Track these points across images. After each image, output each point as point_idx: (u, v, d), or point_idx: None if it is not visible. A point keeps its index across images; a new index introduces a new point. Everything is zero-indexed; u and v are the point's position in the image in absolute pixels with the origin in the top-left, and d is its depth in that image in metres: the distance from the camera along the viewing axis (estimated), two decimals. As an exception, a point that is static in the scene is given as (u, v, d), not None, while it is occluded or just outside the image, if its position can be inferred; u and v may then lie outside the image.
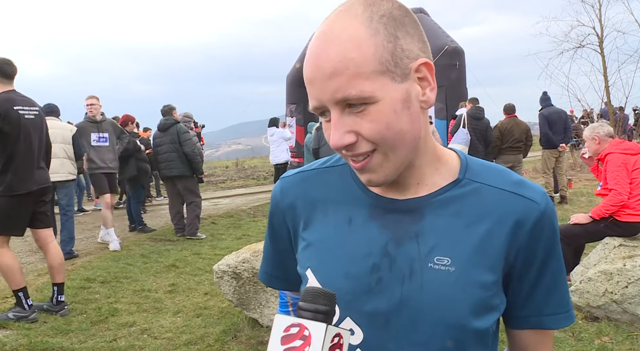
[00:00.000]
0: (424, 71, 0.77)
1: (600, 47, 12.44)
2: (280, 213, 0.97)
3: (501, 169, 0.89)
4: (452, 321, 0.80)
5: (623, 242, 4.24)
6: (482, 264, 0.81)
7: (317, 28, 0.79)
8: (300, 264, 0.93)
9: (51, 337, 3.98)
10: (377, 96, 0.73)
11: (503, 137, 8.49)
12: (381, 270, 0.83)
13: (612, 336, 3.58)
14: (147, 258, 6.57)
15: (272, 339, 0.72)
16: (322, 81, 0.74)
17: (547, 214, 0.84)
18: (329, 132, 0.79)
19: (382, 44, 0.73)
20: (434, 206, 0.84)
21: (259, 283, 3.87)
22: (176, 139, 7.59)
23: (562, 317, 0.88)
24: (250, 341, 3.77)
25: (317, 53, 0.75)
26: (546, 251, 0.84)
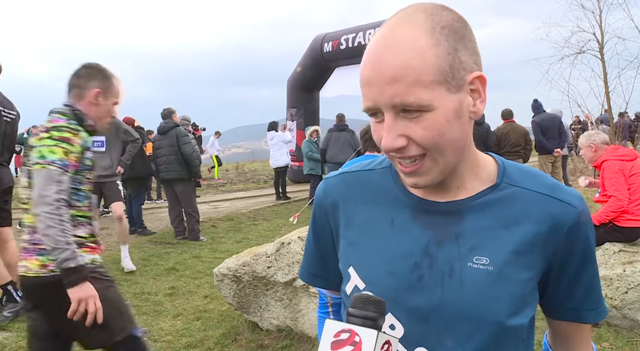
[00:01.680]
0: (477, 84, 0.81)
1: (600, 53, 12.47)
2: (323, 212, 1.01)
3: (537, 173, 0.92)
4: (489, 319, 0.82)
5: (623, 248, 4.24)
6: (519, 265, 0.84)
7: (377, 32, 0.81)
8: (342, 261, 0.96)
9: (51, 339, 3.97)
10: (433, 104, 0.76)
11: (500, 143, 8.51)
12: (422, 269, 0.86)
13: (612, 342, 3.58)
14: (147, 261, 6.57)
15: (323, 343, 0.72)
16: (381, 84, 0.76)
17: (584, 217, 0.87)
18: (379, 133, 0.82)
19: (443, 55, 0.76)
20: (474, 209, 0.87)
21: (259, 286, 3.87)
22: (175, 143, 7.59)
23: (598, 312, 0.93)
24: (250, 345, 3.77)
25: (378, 57, 0.77)
26: (583, 252, 0.88)
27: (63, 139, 2.07)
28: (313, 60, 14.33)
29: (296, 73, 14.99)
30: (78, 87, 2.25)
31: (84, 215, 2.18)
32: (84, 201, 2.19)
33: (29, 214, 2.11)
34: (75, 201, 2.13)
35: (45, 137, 2.06)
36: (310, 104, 15.17)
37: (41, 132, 2.10)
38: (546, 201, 0.86)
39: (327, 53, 13.89)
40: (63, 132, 2.08)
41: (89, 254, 2.15)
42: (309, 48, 14.52)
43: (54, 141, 2.05)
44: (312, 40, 14.57)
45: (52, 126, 2.09)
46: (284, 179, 12.23)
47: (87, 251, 2.14)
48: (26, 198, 2.13)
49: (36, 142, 2.07)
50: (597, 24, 12.51)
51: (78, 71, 2.28)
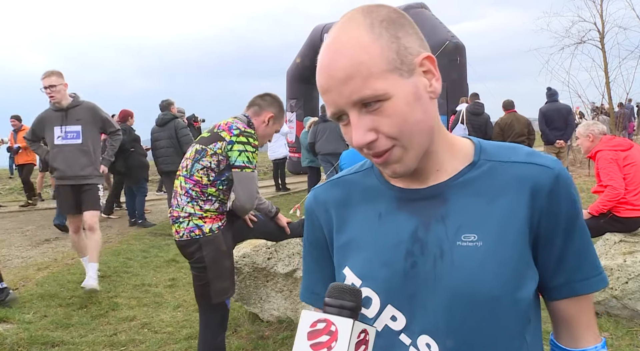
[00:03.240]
0: (427, 64, 0.83)
1: (601, 43, 12.42)
2: (316, 220, 1.02)
3: (513, 146, 0.93)
4: (485, 295, 0.82)
5: (623, 238, 4.24)
6: (508, 236, 0.84)
7: (325, 40, 0.85)
8: (337, 264, 0.97)
9: (51, 331, 3.98)
10: (390, 92, 0.78)
11: (504, 133, 8.48)
12: (414, 255, 0.87)
13: (612, 332, 3.59)
14: (147, 253, 6.58)
15: (299, 334, 0.72)
16: (337, 87, 0.79)
17: (562, 178, 0.86)
18: (349, 135, 0.84)
19: (387, 45, 0.79)
20: (456, 189, 0.88)
21: (259, 277, 3.87)
22: (174, 135, 7.54)
23: (595, 280, 0.90)
24: (250, 336, 3.77)
25: (328, 63, 0.80)
26: (568, 215, 0.87)
27: (257, 147, 2.78)
28: (312, 51, 14.25)
29: (295, 64, 14.93)
30: (258, 105, 2.90)
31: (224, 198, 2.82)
32: None
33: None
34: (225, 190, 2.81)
35: (245, 142, 2.72)
36: (309, 96, 15.12)
37: (240, 135, 2.71)
38: (523, 168, 0.87)
39: (326, 44, 13.79)
40: (256, 140, 2.77)
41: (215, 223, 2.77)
42: (308, 39, 14.45)
43: (253, 148, 2.74)
44: (311, 31, 14.50)
45: (249, 133, 2.75)
46: (283, 171, 12.22)
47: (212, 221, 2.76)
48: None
49: (238, 146, 2.70)
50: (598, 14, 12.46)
51: (263, 96, 2.94)
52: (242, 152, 2.70)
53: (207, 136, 2.80)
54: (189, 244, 2.74)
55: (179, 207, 2.76)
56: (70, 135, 4.77)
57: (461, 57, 12.02)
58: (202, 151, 2.73)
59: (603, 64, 12.33)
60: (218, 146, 2.70)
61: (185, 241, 2.75)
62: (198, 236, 2.71)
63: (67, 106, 4.77)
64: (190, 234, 2.72)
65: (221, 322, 2.88)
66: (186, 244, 2.75)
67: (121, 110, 8.58)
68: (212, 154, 2.69)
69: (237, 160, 2.70)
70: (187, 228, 2.72)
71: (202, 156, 2.71)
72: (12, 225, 8.83)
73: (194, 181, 2.72)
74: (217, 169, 2.70)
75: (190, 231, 2.71)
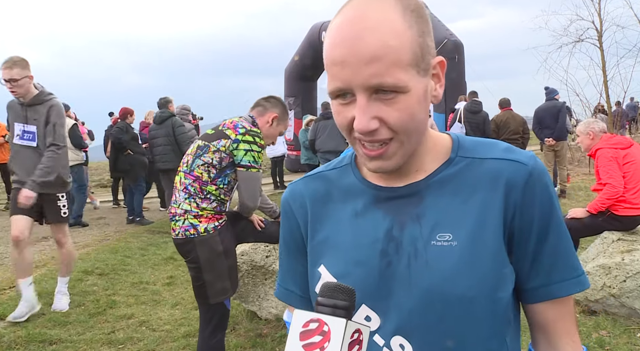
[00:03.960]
0: (438, 69, 0.83)
1: (599, 42, 12.43)
2: (291, 215, 1.00)
3: (491, 142, 0.91)
4: (460, 296, 0.80)
5: (621, 236, 4.24)
6: (483, 235, 0.82)
7: (340, 13, 0.78)
8: (312, 262, 0.94)
9: (49, 329, 3.97)
10: (409, 86, 0.76)
11: (499, 130, 8.53)
12: (389, 254, 0.85)
13: (609, 330, 3.59)
14: (145, 251, 6.57)
15: (291, 334, 0.71)
16: (357, 64, 0.74)
17: (536, 173, 0.84)
18: (344, 115, 0.79)
19: (415, 38, 0.76)
20: (432, 188, 0.87)
21: (257, 275, 3.87)
22: (171, 133, 7.47)
23: (572, 283, 0.86)
24: (248, 334, 3.77)
25: (353, 38, 0.74)
26: (543, 212, 0.84)
27: (263, 147, 2.80)
28: (311, 49, 14.23)
29: (294, 62, 14.90)
30: (262, 106, 2.95)
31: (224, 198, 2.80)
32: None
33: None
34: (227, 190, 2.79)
35: (251, 141, 2.73)
36: (308, 93, 15.11)
37: (246, 134, 2.73)
38: (497, 164, 0.85)
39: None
40: (262, 140, 2.79)
41: (211, 223, 2.74)
42: (307, 37, 14.42)
43: (259, 147, 2.76)
44: (309, 29, 14.48)
45: (255, 132, 2.77)
46: (282, 169, 12.21)
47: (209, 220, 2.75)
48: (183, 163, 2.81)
49: (243, 145, 2.70)
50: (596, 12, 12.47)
51: (268, 97, 3.00)
52: (248, 151, 2.70)
53: (211, 133, 2.80)
54: (183, 243, 2.74)
55: (176, 203, 2.76)
56: (27, 136, 4.04)
57: (460, 55, 12.01)
58: (204, 147, 2.72)
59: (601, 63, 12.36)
60: (222, 143, 2.69)
61: (180, 240, 2.74)
62: (193, 236, 2.70)
63: (28, 101, 4.02)
64: (185, 233, 2.70)
65: (220, 322, 2.87)
66: (182, 243, 2.75)
67: (121, 108, 8.56)
68: (214, 151, 2.69)
69: (243, 159, 2.70)
70: (182, 226, 2.71)
71: (204, 152, 2.70)
72: (8, 223, 8.79)
73: (193, 176, 2.71)
74: (219, 166, 2.69)
75: (186, 229, 2.70)
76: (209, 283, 2.75)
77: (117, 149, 8.26)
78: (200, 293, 2.81)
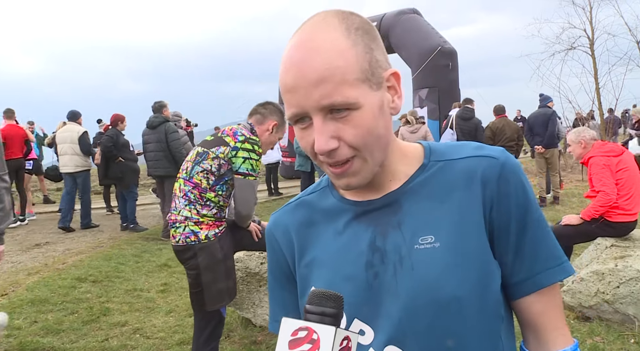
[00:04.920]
0: (392, 80, 0.84)
1: (591, 49, 12.56)
2: (276, 244, 1.00)
3: (463, 143, 0.92)
4: (448, 296, 0.80)
5: (615, 242, 4.26)
6: (465, 233, 0.83)
7: (292, 38, 0.81)
8: (302, 287, 0.94)
9: (42, 337, 3.94)
10: (360, 102, 0.77)
11: (495, 137, 8.56)
12: (375, 265, 0.86)
13: (603, 336, 3.60)
14: (139, 258, 6.53)
15: (280, 343, 0.70)
16: (307, 88, 0.76)
17: (508, 166, 0.86)
18: (306, 139, 0.82)
19: (362, 54, 0.78)
20: (409, 194, 0.88)
21: (252, 282, 3.86)
22: (163, 138, 7.32)
23: (555, 271, 0.87)
24: (243, 341, 3.76)
25: (300, 61, 0.77)
26: (519, 203, 0.85)
27: (260, 155, 2.80)
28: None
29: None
30: (261, 114, 2.93)
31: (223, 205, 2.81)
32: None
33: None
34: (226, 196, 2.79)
35: (250, 149, 2.73)
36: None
37: (245, 141, 2.72)
38: (470, 162, 0.87)
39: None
40: (260, 148, 2.79)
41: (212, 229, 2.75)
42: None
43: (257, 155, 2.76)
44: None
45: (254, 140, 2.76)
46: (276, 175, 12.20)
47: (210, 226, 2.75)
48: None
49: (242, 153, 2.70)
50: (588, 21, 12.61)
51: (265, 104, 2.96)
52: (246, 159, 2.71)
53: (210, 139, 2.80)
54: (184, 250, 2.73)
55: (176, 210, 2.75)
56: None
57: (453, 62, 12.08)
58: (203, 154, 2.72)
59: (593, 70, 12.47)
60: (221, 150, 2.70)
61: (181, 247, 2.74)
62: (193, 243, 2.69)
63: None
64: (185, 240, 2.70)
65: (215, 330, 2.87)
66: (182, 249, 2.74)
67: (113, 114, 8.52)
68: (213, 158, 2.69)
69: (241, 167, 2.71)
70: (183, 233, 2.70)
71: (203, 159, 2.71)
72: (1, 230, 8.73)
73: (193, 183, 2.71)
74: (218, 173, 2.70)
75: (186, 236, 2.70)
76: (207, 290, 2.74)
77: (107, 157, 8.22)
78: (197, 300, 2.80)
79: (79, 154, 8.30)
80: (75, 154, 8.27)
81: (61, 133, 8.43)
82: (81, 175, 8.44)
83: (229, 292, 2.87)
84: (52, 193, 12.62)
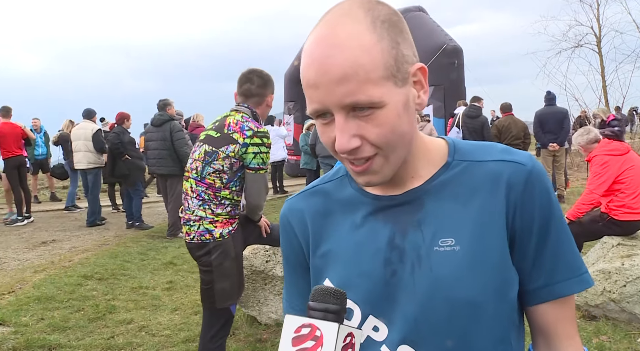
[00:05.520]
0: (419, 75, 0.81)
1: (598, 47, 12.50)
2: (291, 231, 0.99)
3: (488, 144, 0.90)
4: (465, 300, 0.80)
5: (621, 241, 4.24)
6: (486, 238, 0.82)
7: (314, 30, 0.78)
8: (315, 277, 0.94)
9: (48, 334, 3.96)
10: (384, 100, 0.75)
11: (501, 135, 8.53)
12: (393, 263, 0.84)
13: (610, 335, 3.59)
14: (144, 255, 6.55)
15: (283, 340, 0.70)
16: (329, 85, 0.74)
17: (535, 173, 0.84)
18: (327, 135, 0.80)
19: (387, 49, 0.75)
20: (431, 193, 0.86)
21: (257, 280, 3.86)
22: (168, 137, 7.22)
23: (574, 282, 0.85)
24: (248, 339, 3.76)
25: (323, 57, 0.74)
26: (543, 211, 0.83)
27: (269, 146, 2.75)
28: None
29: (294, 67, 14.95)
30: (258, 95, 2.82)
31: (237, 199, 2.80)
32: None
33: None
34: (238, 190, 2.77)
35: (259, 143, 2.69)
36: (307, 98, 15.15)
37: (254, 136, 2.68)
38: (496, 166, 0.85)
39: (324, 47, 13.83)
40: (269, 140, 2.75)
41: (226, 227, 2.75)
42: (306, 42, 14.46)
43: (267, 148, 2.73)
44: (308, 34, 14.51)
45: (262, 133, 2.71)
46: (281, 174, 12.21)
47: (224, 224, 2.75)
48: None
49: (252, 148, 2.67)
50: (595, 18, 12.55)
51: (252, 79, 2.81)
52: (257, 154, 2.70)
53: (215, 135, 2.72)
54: (198, 248, 2.74)
55: (189, 210, 2.74)
56: None
57: (459, 60, 12.05)
58: (212, 154, 2.68)
59: (600, 68, 12.41)
60: (231, 149, 2.66)
61: (195, 244, 2.74)
62: (208, 241, 2.70)
63: None
64: (200, 238, 2.71)
65: (223, 327, 2.87)
66: (195, 247, 2.75)
67: (118, 112, 8.55)
68: (224, 158, 2.66)
69: (252, 162, 2.70)
70: (197, 231, 2.71)
71: (213, 159, 2.67)
72: (8, 227, 8.79)
73: (206, 184, 2.69)
74: (230, 171, 2.68)
75: (201, 234, 2.70)
76: (218, 287, 2.75)
77: (114, 155, 8.24)
78: (207, 297, 2.81)
79: (92, 151, 8.51)
80: (88, 151, 8.48)
81: (76, 130, 8.70)
82: (92, 172, 8.63)
83: (239, 289, 2.88)
84: (58, 191, 12.68)
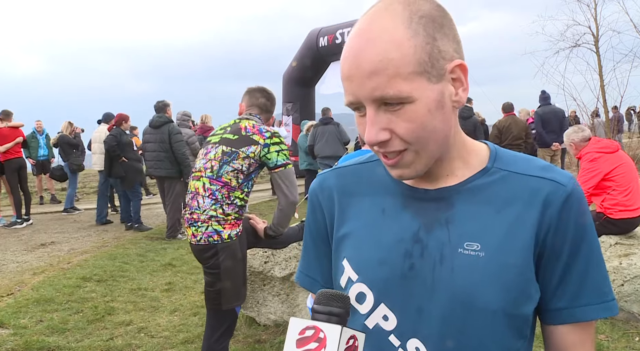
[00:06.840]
0: (458, 72, 0.80)
1: (595, 47, 12.50)
2: (318, 205, 1.00)
3: (529, 158, 0.90)
4: (482, 307, 0.80)
5: (619, 240, 4.26)
6: (513, 249, 0.81)
7: (356, 23, 0.80)
8: (335, 255, 0.95)
9: (47, 336, 3.97)
10: (414, 96, 0.75)
11: (502, 135, 8.52)
12: (413, 256, 0.85)
13: (608, 334, 3.60)
14: (143, 257, 6.55)
15: (288, 342, 0.72)
16: (361, 78, 0.75)
17: (575, 195, 0.83)
18: (362, 126, 0.81)
19: (421, 45, 0.75)
20: (464, 194, 0.86)
21: (256, 281, 3.87)
22: (166, 139, 7.18)
23: (598, 308, 0.83)
24: (247, 340, 3.77)
25: (356, 51, 0.76)
26: (576, 233, 0.82)
27: (286, 145, 2.86)
28: (309, 55, 14.29)
29: (292, 68, 14.95)
30: (269, 112, 3.01)
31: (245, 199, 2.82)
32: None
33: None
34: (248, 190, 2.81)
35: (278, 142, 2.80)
36: (306, 99, 15.15)
37: (272, 136, 2.78)
38: (536, 182, 0.84)
39: (322, 47, 13.85)
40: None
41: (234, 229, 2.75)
42: (305, 43, 14.47)
43: (285, 145, 2.84)
44: (307, 35, 14.53)
45: (277, 133, 2.83)
46: (280, 174, 12.17)
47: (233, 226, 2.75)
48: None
49: (274, 148, 2.76)
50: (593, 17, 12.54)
51: (269, 97, 3.00)
52: (279, 152, 2.77)
53: (233, 138, 2.75)
54: (205, 249, 2.72)
55: (199, 209, 2.71)
56: None
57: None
58: (232, 154, 2.71)
59: (598, 68, 12.41)
60: (252, 149, 2.71)
61: (202, 246, 2.72)
62: (216, 242, 2.68)
63: None
64: (208, 240, 2.69)
65: (228, 328, 2.87)
66: (203, 249, 2.72)
67: (117, 114, 8.55)
68: (244, 157, 2.70)
69: (278, 160, 2.76)
70: (205, 232, 2.69)
71: (232, 158, 2.70)
72: (7, 229, 8.79)
73: (222, 182, 2.70)
74: (247, 171, 2.72)
75: (209, 236, 2.68)
76: (224, 289, 2.74)
77: (111, 157, 8.23)
78: (213, 299, 2.80)
79: (102, 153, 8.82)
80: (102, 153, 8.75)
81: (96, 133, 9.44)
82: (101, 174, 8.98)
83: (244, 291, 2.89)
84: (57, 193, 12.67)
